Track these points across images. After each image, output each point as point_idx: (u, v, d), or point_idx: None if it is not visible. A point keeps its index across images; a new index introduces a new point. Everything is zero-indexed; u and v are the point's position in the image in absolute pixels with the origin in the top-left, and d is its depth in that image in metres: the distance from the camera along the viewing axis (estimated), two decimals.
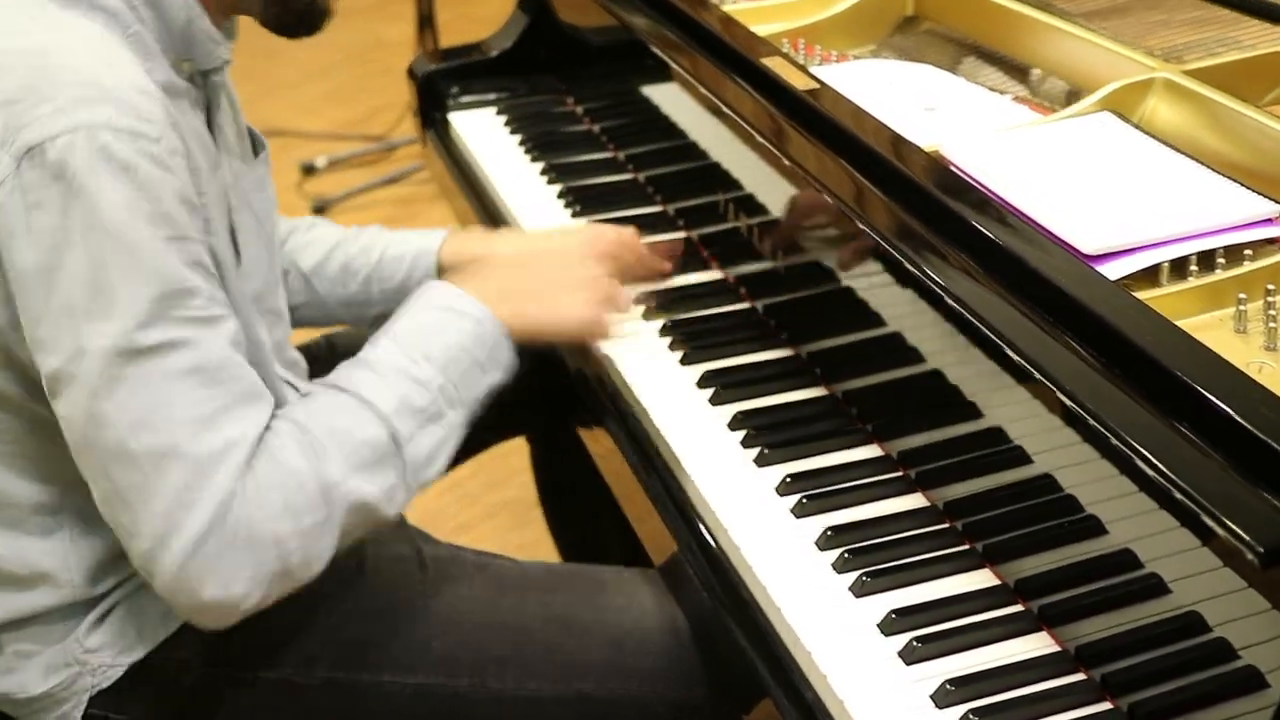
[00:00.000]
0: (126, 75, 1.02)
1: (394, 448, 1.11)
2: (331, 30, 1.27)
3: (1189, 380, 0.89)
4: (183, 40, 1.12)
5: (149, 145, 1.00)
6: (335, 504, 1.07)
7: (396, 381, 1.13)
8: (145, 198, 0.99)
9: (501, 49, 2.01)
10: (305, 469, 1.05)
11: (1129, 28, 1.56)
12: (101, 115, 0.98)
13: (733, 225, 1.50)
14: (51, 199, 0.98)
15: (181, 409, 1.00)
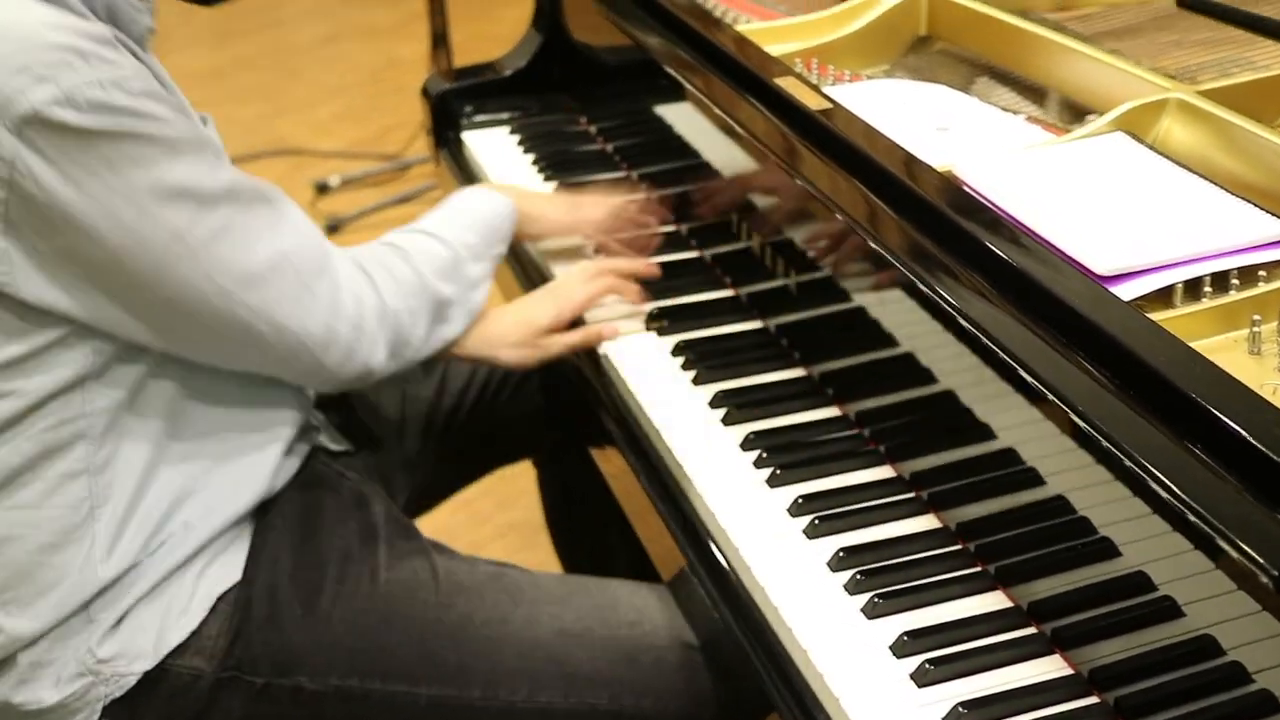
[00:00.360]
0: (82, 29, 1.06)
1: (456, 262, 1.36)
2: (347, 50, 1.30)
3: (1203, 402, 0.89)
4: (107, 12, 1.13)
5: (130, 83, 1.06)
6: (425, 291, 1.31)
7: (448, 229, 1.39)
8: (144, 117, 1.07)
9: (515, 68, 2.01)
10: (402, 263, 1.31)
11: (1142, 48, 1.56)
12: (83, 74, 1.04)
13: (745, 245, 1.50)
14: (70, 147, 1.04)
15: (269, 222, 1.17)
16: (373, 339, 1.26)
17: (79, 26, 1.06)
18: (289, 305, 1.18)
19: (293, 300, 1.18)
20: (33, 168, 1.04)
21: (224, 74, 4.36)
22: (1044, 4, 1.73)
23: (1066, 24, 1.64)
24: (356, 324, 1.24)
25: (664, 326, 1.46)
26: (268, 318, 1.17)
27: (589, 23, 1.89)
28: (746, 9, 1.78)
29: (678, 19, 1.62)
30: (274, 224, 1.18)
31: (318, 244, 1.23)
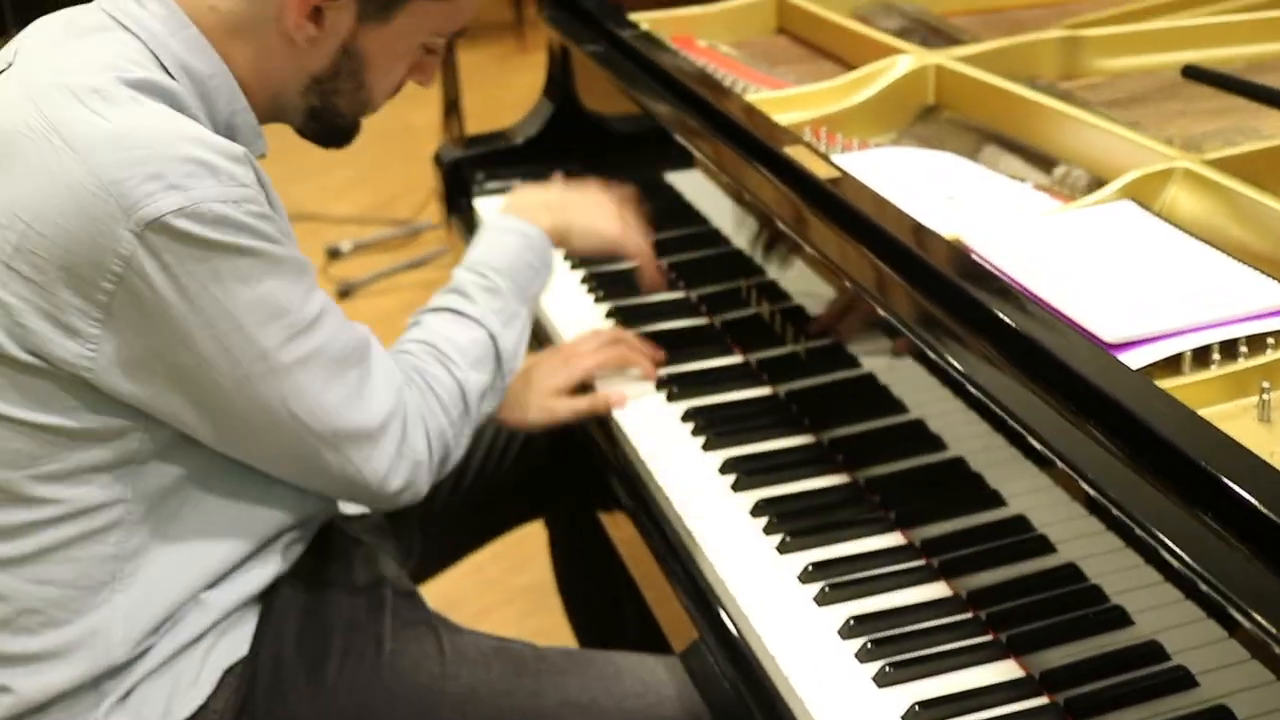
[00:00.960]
0: (216, 145, 1.09)
1: (492, 344, 1.36)
2: None
3: (1213, 470, 0.89)
4: (227, 129, 1.17)
5: (253, 206, 1.10)
6: (469, 395, 1.32)
7: (477, 294, 1.38)
8: (263, 239, 1.10)
9: (527, 136, 2.04)
10: (444, 374, 1.31)
11: (1148, 117, 1.58)
12: (211, 189, 1.07)
13: (755, 311, 1.50)
14: (187, 256, 1.07)
15: (350, 360, 1.18)
16: (430, 470, 1.28)
17: (214, 142, 1.09)
18: (356, 445, 1.20)
19: (362, 440, 1.20)
20: (146, 269, 1.06)
21: None
22: (1050, 73, 1.75)
23: (1073, 93, 1.66)
24: (416, 463, 1.25)
25: (674, 392, 1.47)
26: (335, 451, 1.19)
27: (599, 91, 1.92)
28: (756, 79, 1.80)
29: (687, 88, 1.63)
30: (359, 364, 1.20)
31: (391, 385, 1.24)
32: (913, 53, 1.71)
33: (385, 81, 1.25)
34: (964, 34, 1.88)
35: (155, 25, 1.13)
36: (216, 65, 1.15)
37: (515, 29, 5.60)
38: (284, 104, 1.22)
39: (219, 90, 1.15)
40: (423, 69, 1.27)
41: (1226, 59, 1.71)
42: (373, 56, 1.21)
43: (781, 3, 2.02)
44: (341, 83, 1.21)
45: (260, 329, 1.11)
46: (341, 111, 1.24)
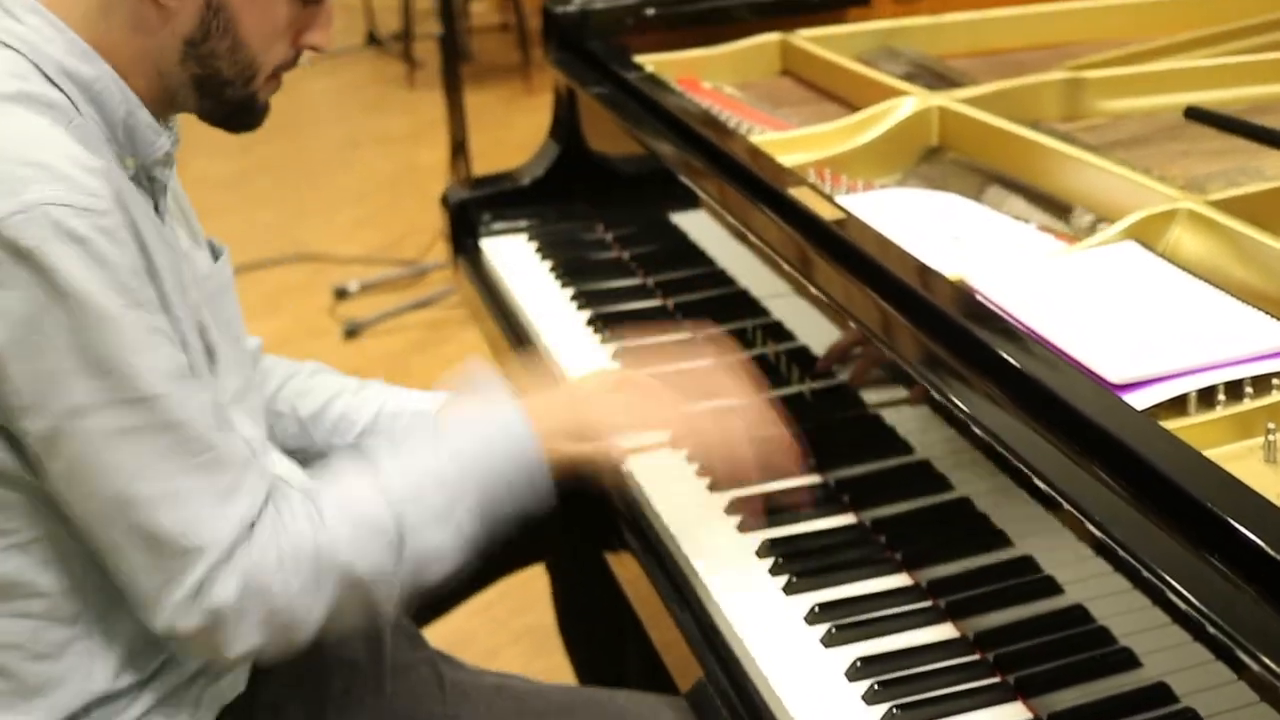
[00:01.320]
0: (71, 155, 1.04)
1: (396, 535, 1.14)
2: (366, 156, 1.32)
3: (1219, 511, 0.89)
4: (125, 132, 1.14)
5: (98, 219, 1.03)
6: (324, 573, 1.11)
7: (417, 476, 1.17)
8: (101, 266, 1.02)
9: (533, 177, 2.05)
10: (305, 532, 1.11)
11: (1151, 158, 1.58)
12: (51, 193, 1.01)
13: (760, 351, 1.51)
14: (15, 277, 1.01)
15: (179, 458, 1.06)
16: (238, 626, 1.09)
17: (69, 150, 1.04)
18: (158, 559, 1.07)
19: (170, 555, 1.06)
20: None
21: (245, 180, 4.43)
22: (1053, 115, 1.76)
23: (1076, 134, 1.67)
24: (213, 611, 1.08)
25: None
26: (137, 553, 1.07)
27: (605, 132, 1.93)
28: (760, 120, 1.81)
29: (692, 130, 1.65)
30: (187, 468, 1.06)
31: (229, 513, 1.08)
32: (916, 94, 1.72)
33: (262, 37, 1.16)
34: (966, 77, 1.89)
35: (32, 36, 1.10)
36: (100, 67, 1.12)
37: (522, 71, 5.64)
38: (170, 83, 1.16)
39: (107, 92, 1.12)
40: (311, 28, 1.19)
41: (1228, 100, 1.72)
42: (240, 8, 1.14)
43: (785, 45, 2.04)
44: (215, 43, 1.14)
45: (75, 380, 1.02)
46: (226, 77, 1.16)
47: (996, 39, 2.06)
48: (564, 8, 2.05)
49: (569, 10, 2.04)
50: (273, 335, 1.43)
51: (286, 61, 1.20)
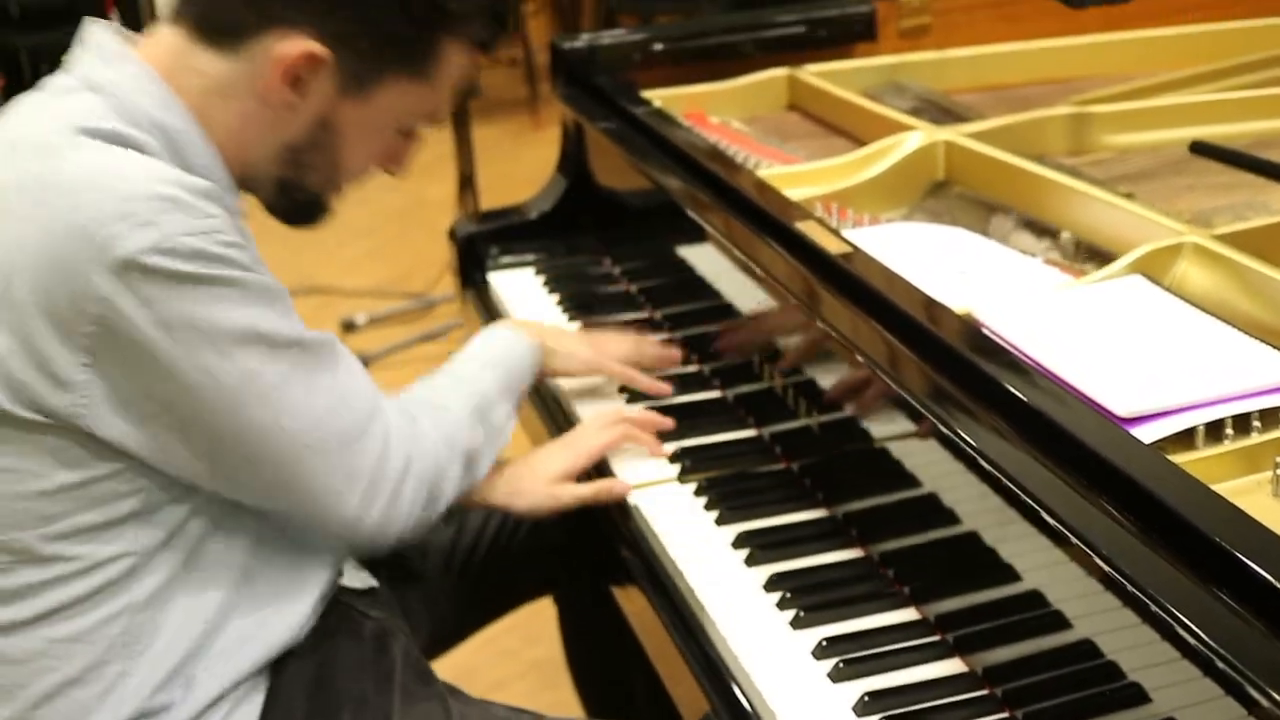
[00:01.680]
0: (182, 181, 1.10)
1: (484, 411, 1.38)
2: (375, 190, 1.35)
3: (1227, 546, 0.89)
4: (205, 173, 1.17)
5: (223, 236, 1.11)
6: (461, 446, 1.33)
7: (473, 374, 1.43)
8: (239, 267, 1.11)
9: (541, 211, 2.06)
10: (446, 419, 1.33)
11: (1157, 192, 1.59)
12: (180, 224, 1.08)
13: (767, 385, 1.51)
14: (163, 294, 1.08)
15: (329, 368, 1.20)
16: (412, 499, 1.27)
17: (177, 177, 1.11)
18: (344, 448, 1.20)
19: (349, 442, 1.21)
20: (125, 309, 1.07)
21: (254, 214, 4.45)
22: (1059, 149, 1.76)
23: (1082, 169, 1.67)
24: (399, 480, 1.25)
25: (687, 466, 1.47)
26: (323, 456, 1.19)
27: (613, 166, 1.94)
28: (767, 154, 1.82)
29: (700, 164, 1.65)
30: (334, 370, 1.21)
31: (370, 393, 1.26)
32: (923, 129, 1.73)
33: (357, 159, 1.25)
34: (972, 112, 1.90)
35: (126, 83, 1.15)
36: (188, 122, 1.16)
37: (529, 105, 5.67)
38: (255, 173, 1.22)
39: (190, 146, 1.16)
40: (396, 155, 1.28)
41: (1234, 135, 1.73)
42: (347, 131, 1.21)
43: (793, 80, 2.05)
44: (314, 155, 1.22)
45: (242, 353, 1.12)
46: (310, 186, 1.25)
47: (1002, 74, 2.08)
48: (572, 43, 2.06)
49: (577, 46, 2.05)
50: None
51: (363, 178, 1.28)
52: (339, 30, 1.15)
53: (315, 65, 1.16)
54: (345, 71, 1.17)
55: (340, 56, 1.16)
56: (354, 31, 1.16)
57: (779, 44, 2.10)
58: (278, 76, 1.16)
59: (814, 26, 2.10)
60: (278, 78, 1.16)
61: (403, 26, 1.17)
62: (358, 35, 1.16)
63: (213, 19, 1.16)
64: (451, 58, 1.22)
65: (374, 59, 1.18)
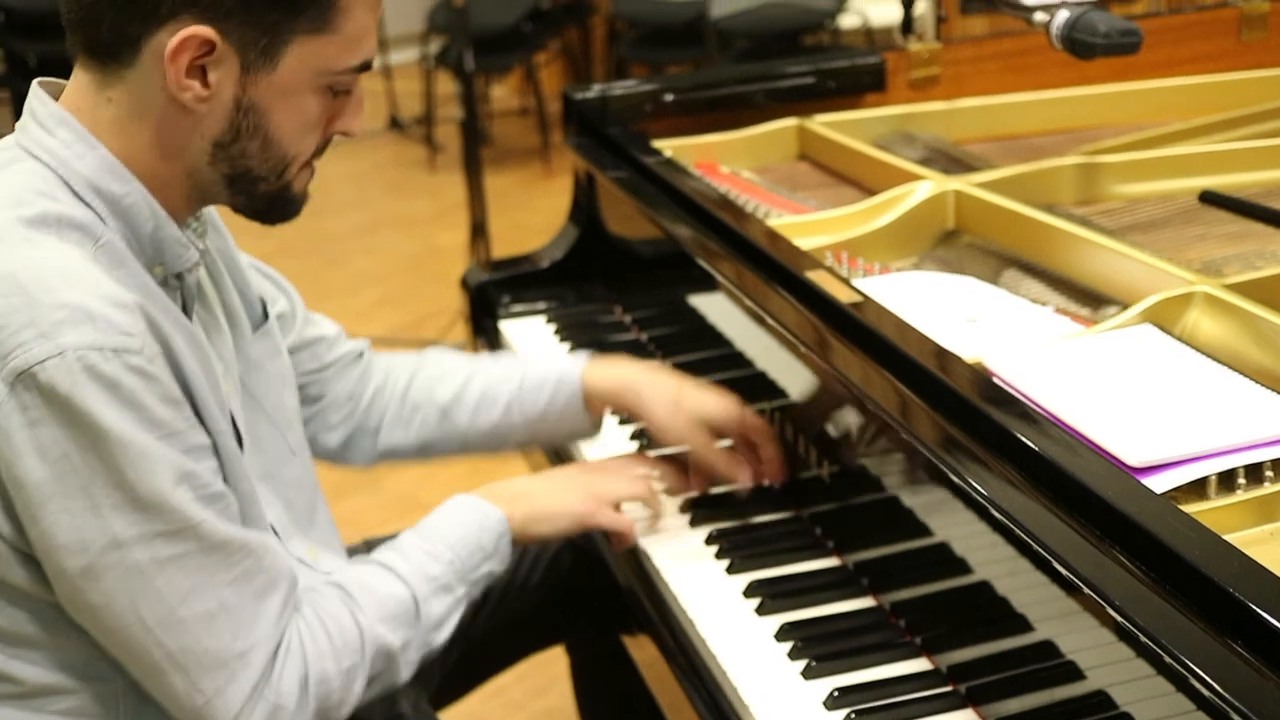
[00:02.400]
0: (101, 291, 1.05)
1: (413, 605, 1.24)
2: (387, 238, 1.33)
3: (1241, 597, 0.88)
4: (153, 245, 1.15)
5: (131, 358, 1.04)
6: (366, 647, 1.19)
7: (415, 555, 1.28)
8: (134, 407, 1.04)
9: (552, 259, 2.07)
10: (345, 614, 1.19)
11: (1167, 241, 1.59)
12: (85, 336, 1.02)
13: (778, 434, 1.51)
14: (50, 416, 1.03)
15: (226, 576, 1.09)
16: (305, 711, 1.15)
17: (100, 288, 1.05)
18: (207, 672, 1.09)
19: (216, 666, 1.10)
20: (10, 425, 1.03)
21: (268, 262, 4.48)
22: (1069, 199, 1.77)
23: (1092, 218, 1.68)
24: (277, 707, 1.13)
25: (698, 515, 1.47)
26: (181, 674, 1.09)
27: (624, 215, 1.95)
28: (778, 204, 1.83)
29: (710, 213, 1.66)
30: (236, 580, 1.10)
31: (269, 613, 1.13)
32: (932, 179, 1.74)
33: (292, 133, 1.15)
34: (982, 161, 1.90)
35: (64, 151, 1.11)
36: (129, 184, 1.12)
37: (541, 154, 5.71)
38: (201, 180, 1.16)
39: (135, 208, 1.13)
40: (341, 116, 1.18)
41: (1244, 184, 1.73)
42: (270, 107, 1.13)
43: (803, 130, 2.06)
44: (245, 143, 1.14)
45: (116, 515, 1.04)
46: (257, 174, 1.16)
47: (1011, 124, 2.09)
48: (584, 94, 2.08)
49: (589, 96, 2.07)
50: None
51: (318, 149, 1.20)
52: (220, 6, 1.08)
53: (210, 49, 1.09)
54: (242, 46, 1.10)
55: (230, 33, 1.09)
56: (233, 4, 1.08)
57: (789, 94, 2.11)
58: (178, 73, 1.09)
59: (823, 77, 2.11)
60: (178, 74, 1.09)
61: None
62: (238, 7, 1.08)
63: (98, 42, 1.11)
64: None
65: (265, 25, 1.10)
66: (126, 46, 1.10)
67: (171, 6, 1.08)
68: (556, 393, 1.50)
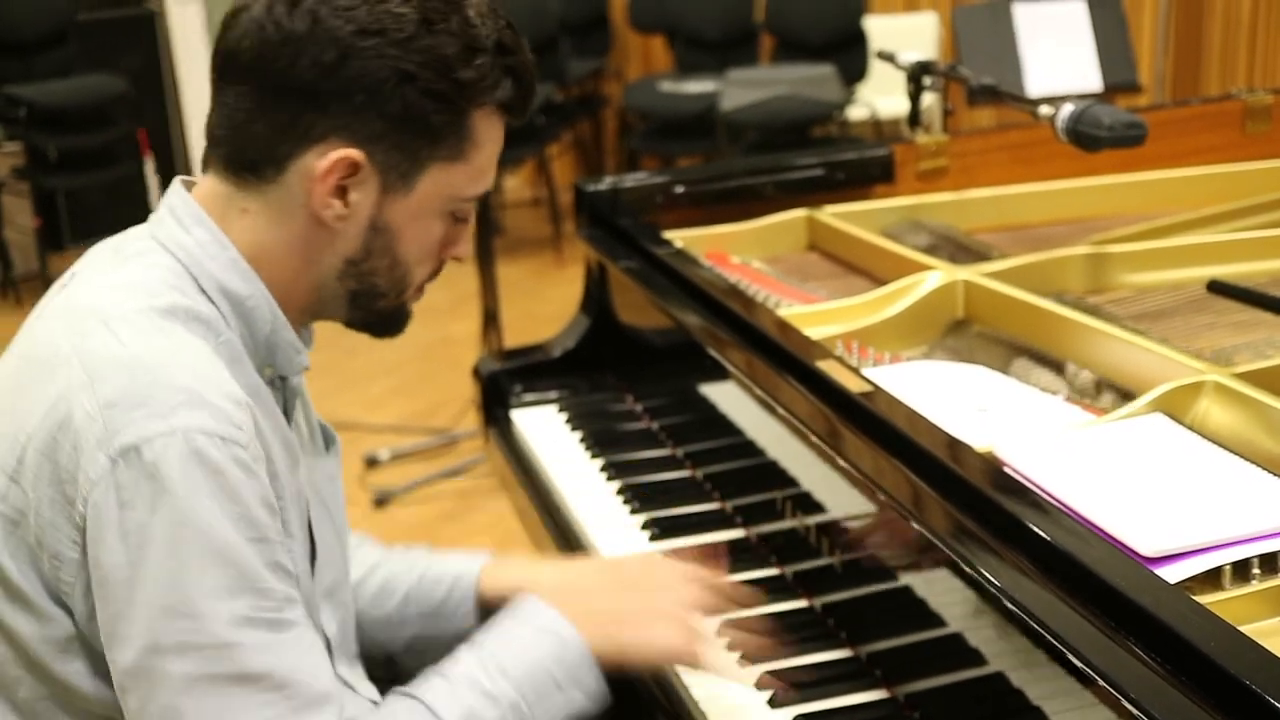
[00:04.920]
0: (220, 383, 1.08)
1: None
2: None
3: (1258, 689, 0.87)
4: (267, 347, 1.19)
5: (238, 450, 1.06)
6: None
7: (467, 694, 1.16)
8: (233, 500, 1.04)
9: (564, 349, 2.08)
10: None
11: (1177, 330, 1.60)
12: (197, 420, 1.04)
13: (790, 524, 1.50)
14: (142, 498, 1.03)
15: (254, 710, 1.05)
16: None
17: (218, 380, 1.07)
18: None
19: None
20: (103, 503, 1.03)
21: None
22: (1077, 287, 1.78)
23: (1101, 307, 1.68)
24: None
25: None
26: None
27: (635, 305, 1.96)
28: (788, 293, 1.84)
29: (720, 303, 1.67)
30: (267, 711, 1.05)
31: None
32: (942, 268, 1.75)
33: (417, 254, 1.21)
34: (991, 250, 1.92)
35: (196, 249, 1.15)
36: (255, 286, 1.17)
37: (553, 244, 5.76)
38: (326, 294, 1.21)
39: (257, 310, 1.17)
40: (455, 241, 1.24)
41: (1251, 274, 1.74)
42: (401, 228, 1.18)
43: (812, 221, 2.08)
44: (375, 261, 1.19)
45: (168, 611, 1.03)
46: (381, 291, 1.22)
47: (1019, 214, 2.11)
48: (596, 185, 2.10)
49: (600, 188, 2.09)
50: None
51: (434, 272, 1.25)
52: (368, 132, 1.13)
53: (355, 171, 1.14)
54: (384, 170, 1.15)
55: (376, 157, 1.14)
56: (382, 129, 1.14)
57: (798, 186, 2.14)
58: (324, 192, 1.14)
59: (833, 169, 2.14)
60: (324, 193, 1.14)
61: (428, 112, 1.14)
62: (387, 132, 1.14)
63: (245, 157, 1.16)
64: (483, 129, 1.19)
65: (408, 150, 1.15)
66: (274, 164, 1.15)
67: (324, 129, 1.13)
68: (453, 589, 1.43)
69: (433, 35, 1.13)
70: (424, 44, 1.13)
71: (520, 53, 1.19)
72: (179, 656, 1.03)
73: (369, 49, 1.11)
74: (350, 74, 1.12)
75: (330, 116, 1.13)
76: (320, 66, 1.11)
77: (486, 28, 1.16)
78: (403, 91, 1.13)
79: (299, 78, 1.12)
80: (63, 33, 5.65)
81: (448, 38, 1.13)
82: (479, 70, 1.15)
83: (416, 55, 1.12)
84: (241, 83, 1.14)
